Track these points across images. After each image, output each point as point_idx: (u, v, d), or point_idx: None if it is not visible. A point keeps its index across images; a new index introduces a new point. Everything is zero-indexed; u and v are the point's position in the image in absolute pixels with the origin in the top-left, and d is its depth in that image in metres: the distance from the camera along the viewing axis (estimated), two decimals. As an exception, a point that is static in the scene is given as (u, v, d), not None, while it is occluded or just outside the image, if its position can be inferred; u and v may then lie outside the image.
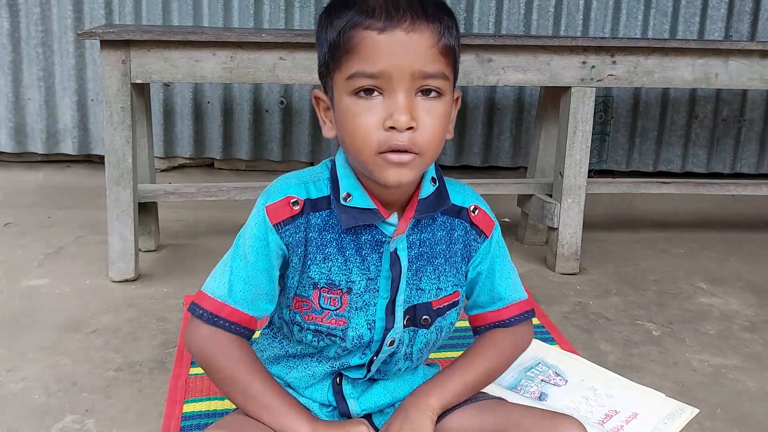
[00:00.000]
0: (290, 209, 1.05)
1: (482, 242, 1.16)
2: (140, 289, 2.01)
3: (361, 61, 0.96)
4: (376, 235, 1.07)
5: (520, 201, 2.52)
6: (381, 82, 0.96)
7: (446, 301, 1.15)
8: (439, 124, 0.99)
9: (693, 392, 1.59)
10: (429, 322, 1.14)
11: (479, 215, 1.15)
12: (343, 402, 1.17)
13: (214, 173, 3.14)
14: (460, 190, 1.15)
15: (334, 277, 1.07)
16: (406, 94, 0.96)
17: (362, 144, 0.98)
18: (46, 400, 1.45)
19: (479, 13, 3.06)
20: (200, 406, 1.43)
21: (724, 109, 3.24)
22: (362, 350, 1.12)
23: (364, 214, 1.05)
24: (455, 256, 1.14)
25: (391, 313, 1.10)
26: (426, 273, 1.11)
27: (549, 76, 2.16)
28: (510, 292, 1.21)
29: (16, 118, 2.95)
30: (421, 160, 0.99)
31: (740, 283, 2.24)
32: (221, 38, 1.98)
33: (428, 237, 1.11)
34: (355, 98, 0.97)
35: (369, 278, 1.08)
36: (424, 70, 0.96)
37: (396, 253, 1.08)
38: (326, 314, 1.09)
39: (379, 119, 0.96)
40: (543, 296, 2.07)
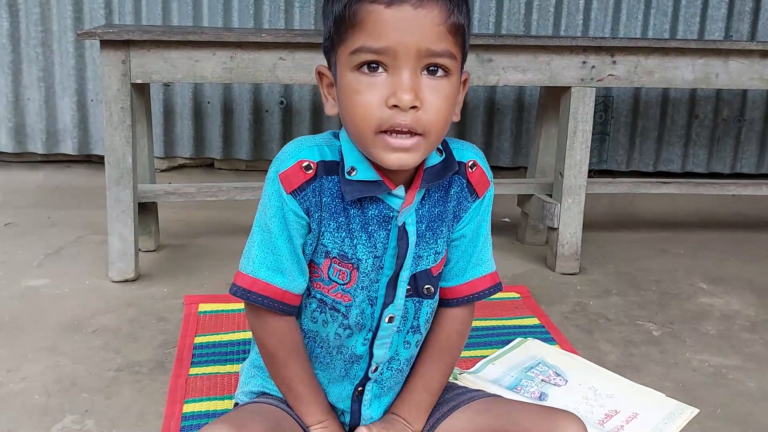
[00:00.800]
0: (303, 174, 1.02)
1: (473, 202, 1.12)
2: (140, 289, 2.01)
3: (366, 35, 0.92)
4: (383, 209, 1.04)
5: (520, 201, 2.52)
6: (386, 58, 0.93)
7: (442, 265, 1.13)
8: (445, 105, 0.96)
9: (693, 392, 1.59)
10: (432, 292, 1.12)
11: (476, 172, 1.11)
12: (358, 411, 1.15)
13: (214, 173, 3.13)
14: (458, 146, 1.11)
15: (346, 249, 1.05)
16: (411, 72, 0.93)
17: (362, 121, 0.95)
18: (45, 400, 1.45)
19: (479, 13, 3.06)
20: (200, 406, 1.43)
21: (724, 109, 3.24)
22: (364, 332, 1.10)
23: (368, 186, 1.02)
24: (449, 215, 1.10)
25: (392, 288, 1.08)
26: (425, 239, 1.08)
27: (549, 76, 2.16)
28: (487, 261, 1.18)
29: (16, 118, 2.95)
30: (426, 142, 0.96)
31: (740, 283, 2.24)
32: (221, 38, 1.98)
33: (428, 201, 1.08)
34: (358, 74, 0.94)
35: (375, 256, 1.05)
36: (430, 48, 0.93)
37: (404, 228, 1.05)
38: (333, 286, 1.07)
39: (381, 97, 0.93)
40: (543, 296, 2.07)
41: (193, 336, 1.72)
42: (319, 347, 1.13)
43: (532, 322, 1.87)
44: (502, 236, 2.60)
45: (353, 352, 1.11)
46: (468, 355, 1.67)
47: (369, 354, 1.12)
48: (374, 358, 1.12)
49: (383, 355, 1.12)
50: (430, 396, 1.17)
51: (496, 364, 1.62)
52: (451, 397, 1.18)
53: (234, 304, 1.87)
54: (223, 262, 2.21)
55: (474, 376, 1.55)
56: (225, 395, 1.47)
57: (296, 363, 1.10)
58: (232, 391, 1.47)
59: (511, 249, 2.48)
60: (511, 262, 2.35)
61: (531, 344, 1.73)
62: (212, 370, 1.56)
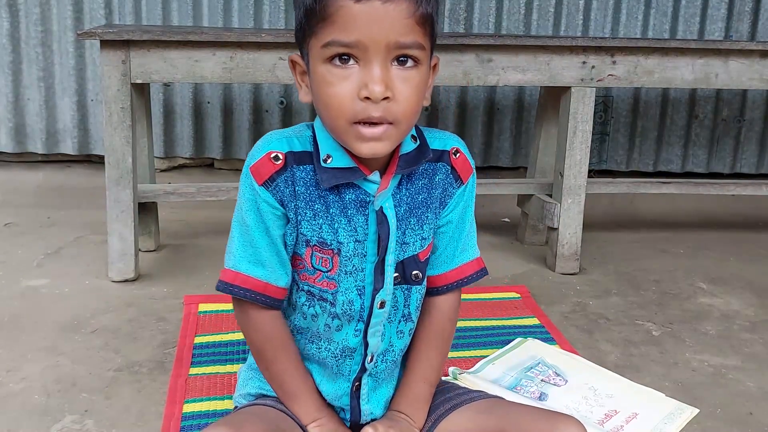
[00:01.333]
0: (272, 164, 1.05)
1: (457, 188, 1.14)
2: (140, 289, 2.01)
3: (337, 29, 0.95)
4: (360, 195, 1.06)
5: (520, 201, 2.52)
6: (356, 51, 0.95)
7: (429, 251, 1.14)
8: (415, 94, 0.99)
9: (693, 392, 1.59)
10: (420, 278, 1.13)
11: (460, 159, 1.14)
12: (357, 408, 1.16)
13: (214, 173, 3.13)
14: (439, 135, 1.14)
15: (324, 236, 1.07)
16: (382, 65, 0.96)
17: (336, 113, 0.98)
18: (45, 400, 1.45)
19: (479, 13, 3.06)
20: (200, 406, 1.43)
21: (724, 109, 3.24)
22: (354, 322, 1.10)
23: (344, 173, 1.05)
24: (435, 202, 1.12)
25: (380, 274, 1.09)
26: (410, 225, 1.10)
27: (549, 76, 2.16)
28: (473, 247, 1.20)
29: (16, 118, 2.95)
30: (396, 130, 0.99)
31: (740, 283, 2.24)
32: (221, 38, 1.98)
33: (409, 188, 1.10)
34: (331, 66, 0.97)
35: (356, 240, 1.07)
36: (399, 40, 0.95)
37: (383, 212, 1.07)
38: (318, 275, 1.09)
39: (353, 89, 0.96)
40: (543, 296, 2.07)
41: (193, 336, 1.72)
42: (310, 342, 1.14)
43: (532, 322, 1.87)
44: (502, 236, 2.60)
45: (346, 345, 1.12)
46: (468, 355, 1.67)
47: (363, 344, 1.12)
48: (369, 347, 1.12)
49: (377, 344, 1.13)
50: (428, 387, 1.18)
51: (496, 364, 1.62)
52: (452, 396, 1.18)
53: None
54: (223, 262, 2.20)
55: (474, 376, 1.55)
56: (225, 395, 1.47)
57: (285, 358, 1.12)
58: (232, 391, 1.47)
59: (511, 249, 2.48)
60: (511, 262, 2.35)
61: (531, 344, 1.73)
62: (212, 370, 1.57)
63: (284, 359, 1.12)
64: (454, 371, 1.56)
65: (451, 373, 1.55)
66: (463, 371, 1.57)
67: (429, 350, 1.18)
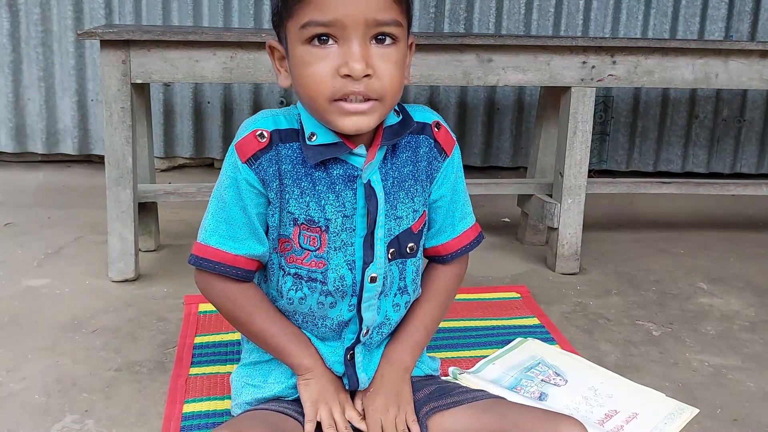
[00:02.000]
0: (257, 142, 1.05)
1: (443, 161, 1.16)
2: (140, 289, 2.01)
3: (314, 9, 0.95)
4: (348, 169, 1.07)
5: (520, 201, 2.52)
6: (335, 30, 0.96)
7: (422, 222, 1.16)
8: (396, 70, 1.00)
9: (693, 392, 1.59)
10: (415, 249, 1.15)
11: (441, 132, 1.15)
12: (354, 375, 1.16)
13: (214, 173, 3.13)
14: (420, 109, 1.16)
15: (312, 213, 1.07)
16: (361, 42, 0.96)
17: (316, 92, 0.98)
18: (45, 400, 1.45)
19: (479, 13, 3.06)
20: (200, 406, 1.43)
21: (724, 109, 3.24)
22: (348, 297, 1.11)
23: (329, 149, 1.05)
24: (422, 174, 1.14)
25: (369, 248, 1.09)
26: (400, 199, 1.11)
27: (549, 76, 2.16)
28: (470, 214, 1.23)
29: (16, 118, 2.95)
30: (381, 106, 1.00)
31: (740, 283, 2.24)
32: (221, 38, 1.98)
33: (394, 161, 1.11)
34: (309, 47, 0.97)
35: (344, 215, 1.08)
36: (377, 18, 0.96)
37: (370, 185, 1.07)
38: (306, 255, 1.10)
39: (333, 67, 0.97)
40: (543, 296, 2.07)
41: (193, 336, 1.72)
42: (304, 322, 1.15)
43: (532, 322, 1.87)
44: (502, 236, 2.60)
45: (341, 319, 1.13)
46: (468, 355, 1.67)
47: (358, 318, 1.13)
48: (364, 321, 1.13)
49: (372, 318, 1.14)
50: (426, 334, 1.21)
51: (496, 364, 1.62)
52: (455, 393, 1.19)
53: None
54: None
55: (474, 376, 1.55)
56: (225, 395, 1.47)
57: (261, 318, 1.13)
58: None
59: (511, 249, 2.48)
60: (511, 262, 2.35)
61: (531, 344, 1.73)
62: (212, 370, 1.56)
63: (261, 320, 1.13)
64: (454, 371, 1.56)
65: (451, 373, 1.55)
66: (463, 371, 1.57)
67: (431, 301, 1.21)
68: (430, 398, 1.18)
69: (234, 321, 1.16)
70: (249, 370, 1.23)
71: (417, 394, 1.20)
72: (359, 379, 1.16)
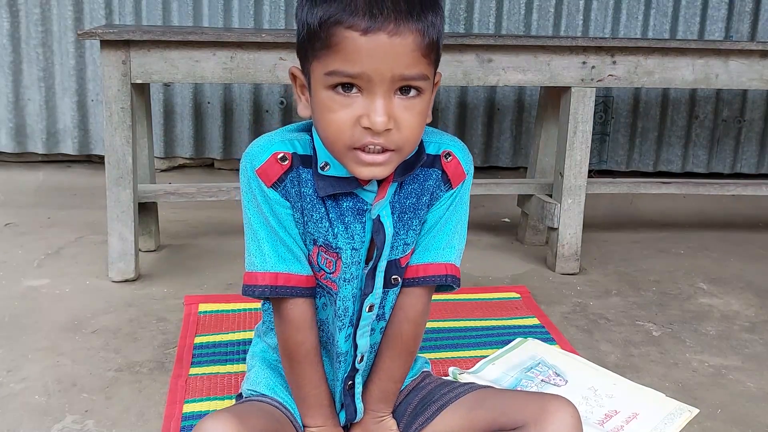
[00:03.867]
0: (280, 165, 1.05)
1: (445, 191, 1.12)
2: (140, 290, 2.01)
3: (341, 60, 0.93)
4: (357, 203, 1.07)
5: (520, 201, 2.52)
6: (360, 81, 0.94)
7: (409, 257, 1.14)
8: (417, 122, 0.98)
9: (693, 392, 1.59)
10: (398, 281, 1.13)
11: (452, 163, 1.12)
12: (352, 405, 1.17)
13: (214, 173, 3.14)
14: (435, 139, 1.12)
15: (329, 238, 1.07)
16: (385, 96, 0.95)
17: (335, 138, 0.97)
18: (46, 400, 1.45)
19: (479, 13, 3.06)
20: (200, 406, 1.43)
21: (724, 110, 3.24)
22: (345, 329, 1.12)
23: (341, 182, 1.05)
24: (423, 207, 1.12)
25: (371, 278, 1.10)
26: (396, 230, 1.10)
27: (549, 77, 2.16)
28: (442, 249, 1.14)
29: (16, 118, 2.95)
30: (398, 156, 0.99)
31: (740, 283, 2.24)
32: (221, 38, 1.98)
33: (400, 193, 1.10)
34: (333, 93, 0.96)
35: (353, 248, 1.08)
36: (404, 73, 0.94)
37: (379, 220, 1.07)
38: (322, 274, 1.10)
39: (354, 116, 0.95)
40: (543, 296, 2.07)
41: (193, 336, 1.72)
42: (322, 325, 1.15)
43: (532, 322, 1.87)
44: (502, 236, 2.60)
45: (338, 351, 1.13)
46: (468, 355, 1.67)
47: (353, 347, 1.14)
48: (359, 348, 1.14)
49: (366, 344, 1.14)
50: (391, 381, 1.19)
51: (496, 364, 1.62)
52: (438, 397, 1.18)
53: (234, 304, 1.87)
54: (223, 262, 2.21)
55: (474, 376, 1.55)
56: (225, 395, 1.47)
57: (309, 365, 1.13)
58: (232, 391, 1.47)
59: (511, 249, 2.48)
60: (511, 262, 2.35)
61: (531, 344, 1.73)
62: (212, 370, 1.56)
63: (311, 364, 1.13)
64: (454, 371, 1.56)
65: (451, 373, 1.56)
66: (463, 371, 1.57)
67: (393, 350, 1.17)
68: (415, 415, 1.18)
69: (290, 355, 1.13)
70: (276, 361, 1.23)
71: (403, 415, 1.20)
72: (357, 409, 1.17)
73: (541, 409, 1.04)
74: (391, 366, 1.17)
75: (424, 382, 1.25)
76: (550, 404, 1.05)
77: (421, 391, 1.22)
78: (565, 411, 1.04)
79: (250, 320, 1.79)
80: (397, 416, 1.21)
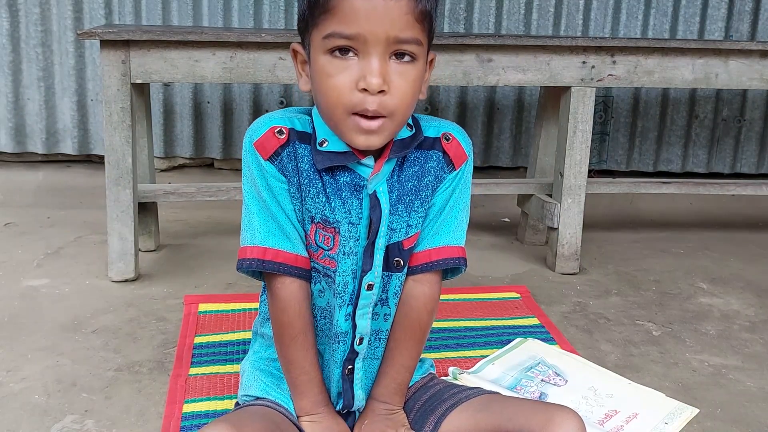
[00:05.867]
0: (277, 139, 1.08)
1: (449, 173, 1.15)
2: (140, 289, 2.01)
3: (338, 22, 0.98)
4: (354, 178, 1.09)
5: (520, 201, 2.52)
6: (356, 43, 0.98)
7: (414, 241, 1.15)
8: (410, 88, 1.02)
9: (693, 392, 1.59)
10: (401, 265, 1.14)
11: (452, 144, 1.15)
12: (350, 391, 1.17)
13: (214, 173, 3.13)
14: (434, 123, 1.16)
15: (327, 213, 1.09)
16: (380, 58, 0.99)
17: (335, 103, 1.01)
18: (45, 400, 1.45)
19: (479, 13, 3.06)
20: (200, 406, 1.43)
21: (724, 109, 3.24)
22: (345, 306, 1.12)
23: (338, 156, 1.07)
24: (426, 190, 1.14)
25: (369, 256, 1.11)
26: (397, 212, 1.12)
27: (549, 76, 2.16)
28: (452, 232, 1.17)
29: (16, 118, 2.95)
30: (391, 122, 1.02)
31: (740, 283, 2.24)
32: (221, 38, 1.98)
33: (400, 175, 1.12)
34: (331, 57, 1.00)
35: (350, 222, 1.09)
36: (399, 36, 0.98)
37: (376, 196, 1.09)
38: (320, 253, 1.11)
39: (352, 80, 0.99)
40: (543, 296, 2.07)
41: (193, 336, 1.72)
42: (319, 312, 1.15)
43: (532, 322, 1.87)
44: (502, 236, 2.60)
45: (337, 330, 1.13)
46: (468, 355, 1.67)
47: (352, 327, 1.14)
48: (357, 329, 1.14)
49: (366, 326, 1.14)
50: (408, 374, 1.20)
51: (496, 364, 1.62)
52: (448, 396, 1.19)
53: (234, 304, 1.87)
54: (223, 262, 2.21)
55: (474, 376, 1.55)
56: (225, 395, 1.47)
57: (300, 346, 1.13)
58: (232, 391, 1.47)
59: (511, 249, 2.48)
60: (511, 262, 2.35)
61: (531, 344, 1.73)
62: (212, 370, 1.56)
63: (299, 347, 1.13)
64: (454, 371, 1.56)
65: (451, 373, 1.55)
66: (463, 371, 1.57)
67: (407, 340, 1.18)
68: (425, 413, 1.18)
69: (280, 337, 1.14)
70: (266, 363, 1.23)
71: (411, 411, 1.21)
72: (355, 396, 1.17)
73: (548, 420, 1.05)
74: (405, 354, 1.18)
75: (432, 383, 1.26)
76: (556, 415, 1.06)
77: (428, 390, 1.23)
78: (571, 422, 1.05)
79: (250, 320, 1.79)
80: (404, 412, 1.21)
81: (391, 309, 1.18)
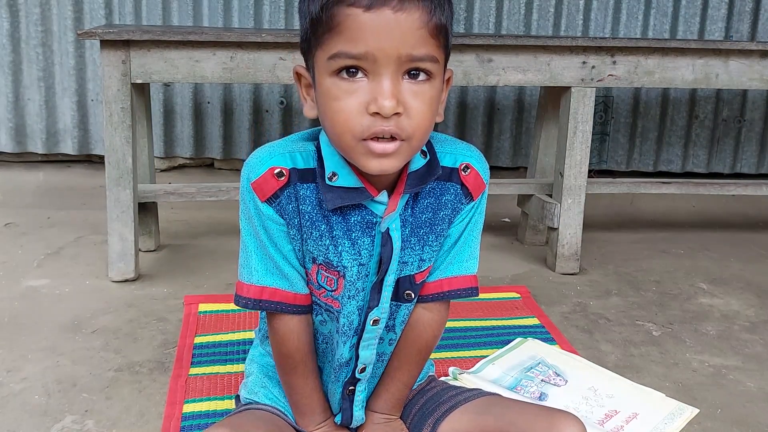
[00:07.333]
0: (276, 181, 1.00)
1: (467, 204, 1.09)
2: (140, 290, 2.01)
3: (344, 41, 0.88)
4: (366, 215, 1.02)
5: (520, 201, 2.52)
6: (365, 63, 0.89)
7: (426, 275, 1.11)
8: (428, 109, 0.92)
9: (693, 392, 1.59)
10: (412, 297, 1.11)
11: (471, 175, 1.07)
12: (349, 410, 1.17)
13: (214, 173, 3.13)
14: (450, 149, 1.07)
15: (330, 257, 1.03)
16: (392, 78, 0.89)
17: (343, 129, 0.91)
18: (46, 400, 1.45)
19: (479, 13, 3.06)
20: (200, 406, 1.43)
21: (724, 110, 3.24)
22: (350, 340, 1.10)
23: (350, 194, 0.99)
24: (442, 223, 1.07)
25: (377, 292, 1.07)
26: (410, 245, 1.06)
27: (549, 76, 2.16)
28: (465, 261, 1.13)
29: (16, 118, 2.95)
30: (408, 146, 0.93)
31: (740, 283, 2.24)
32: (221, 38, 1.98)
33: (414, 207, 1.06)
34: (337, 79, 0.90)
35: (360, 263, 1.04)
36: (412, 53, 0.89)
37: (388, 234, 1.03)
38: (323, 292, 1.07)
39: (362, 103, 0.90)
40: (543, 296, 2.07)
41: (193, 336, 1.72)
42: (321, 337, 1.14)
43: (532, 322, 1.87)
44: (502, 236, 2.60)
45: (341, 361, 1.12)
46: (468, 355, 1.67)
47: (355, 356, 1.12)
48: (360, 359, 1.12)
49: (370, 356, 1.13)
50: (408, 389, 1.19)
51: (496, 364, 1.62)
52: (447, 398, 1.18)
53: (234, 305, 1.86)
54: (223, 262, 2.21)
55: (474, 376, 1.55)
56: (225, 395, 1.47)
57: (298, 377, 1.12)
58: (232, 391, 1.47)
59: (511, 249, 2.48)
60: (511, 262, 2.35)
61: (531, 344, 1.73)
62: (212, 370, 1.56)
63: (299, 376, 1.12)
64: (454, 371, 1.56)
65: (451, 373, 1.55)
66: (463, 371, 1.57)
67: (410, 362, 1.17)
68: (423, 416, 1.18)
69: (281, 367, 1.13)
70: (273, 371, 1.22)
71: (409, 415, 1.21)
72: (354, 416, 1.17)
73: (551, 425, 1.04)
74: (407, 374, 1.17)
75: (430, 386, 1.25)
76: (559, 421, 1.05)
77: (427, 393, 1.22)
78: (573, 429, 1.04)
79: (250, 320, 1.79)
80: (402, 417, 1.21)
81: (397, 335, 1.15)
